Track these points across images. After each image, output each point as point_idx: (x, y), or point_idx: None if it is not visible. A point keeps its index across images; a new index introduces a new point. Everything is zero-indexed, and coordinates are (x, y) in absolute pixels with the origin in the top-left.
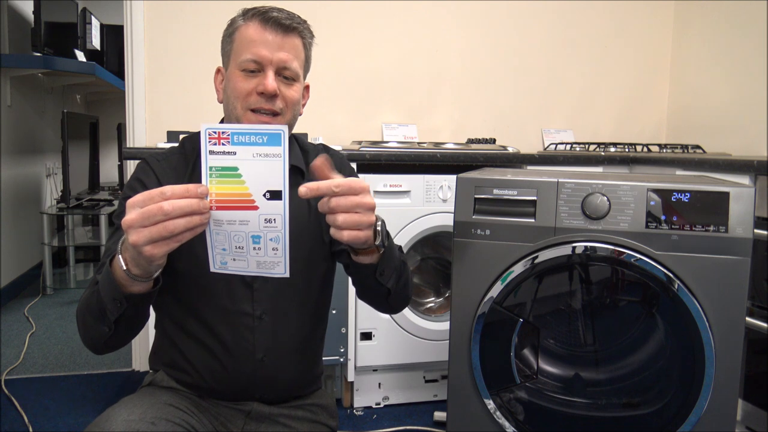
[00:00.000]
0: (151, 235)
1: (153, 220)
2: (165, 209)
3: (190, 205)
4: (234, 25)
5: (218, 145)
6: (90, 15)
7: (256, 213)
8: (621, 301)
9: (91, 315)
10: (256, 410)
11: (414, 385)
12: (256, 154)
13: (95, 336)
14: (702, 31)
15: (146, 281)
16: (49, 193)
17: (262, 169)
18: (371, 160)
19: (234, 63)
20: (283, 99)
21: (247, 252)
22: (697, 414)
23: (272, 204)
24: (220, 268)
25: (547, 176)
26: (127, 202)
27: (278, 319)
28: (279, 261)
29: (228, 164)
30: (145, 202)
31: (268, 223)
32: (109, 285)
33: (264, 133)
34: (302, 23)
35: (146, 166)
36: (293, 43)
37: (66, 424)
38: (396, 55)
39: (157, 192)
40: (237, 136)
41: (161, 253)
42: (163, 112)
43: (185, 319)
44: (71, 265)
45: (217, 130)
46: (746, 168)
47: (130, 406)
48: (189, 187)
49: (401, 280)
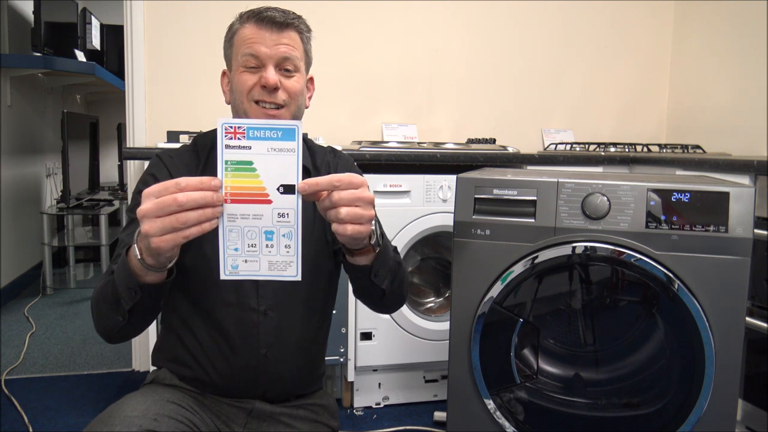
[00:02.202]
0: (163, 226)
1: (167, 211)
2: (179, 200)
3: (204, 197)
4: (232, 30)
5: (234, 139)
6: (90, 15)
7: (270, 207)
8: (621, 301)
9: (105, 304)
10: (258, 409)
11: (414, 385)
12: (270, 149)
13: (109, 325)
14: (702, 31)
15: (160, 271)
16: (49, 193)
17: (276, 164)
18: (371, 160)
19: (236, 63)
20: (285, 91)
21: (259, 251)
22: (697, 414)
23: (286, 198)
24: (231, 273)
25: (547, 176)
26: (143, 192)
27: (283, 316)
28: (291, 261)
29: (243, 158)
30: (160, 193)
31: (281, 217)
32: (124, 274)
33: (279, 128)
34: (297, 18)
35: (159, 162)
36: (290, 36)
37: (66, 424)
38: (396, 55)
39: (172, 183)
40: (252, 130)
41: (168, 246)
42: (163, 112)
43: (191, 313)
44: (71, 265)
45: (234, 124)
46: (746, 168)
47: (132, 403)
48: (204, 179)
49: (396, 281)
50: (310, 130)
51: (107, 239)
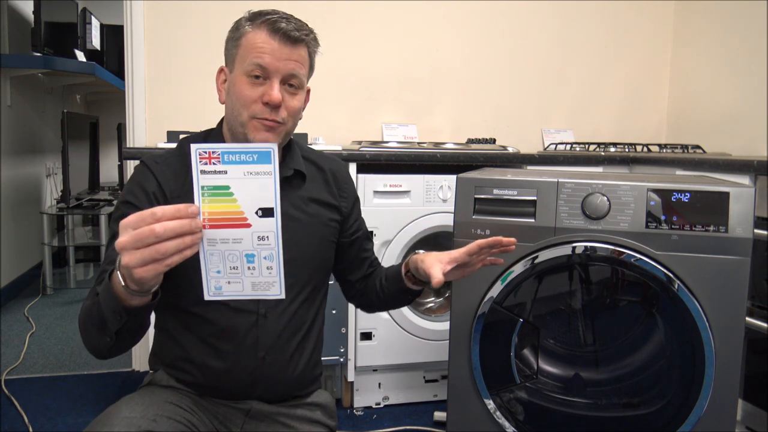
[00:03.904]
0: (143, 257)
1: (145, 242)
2: (156, 231)
3: (181, 226)
4: (241, 30)
5: (209, 164)
6: (90, 15)
7: (249, 231)
8: (621, 301)
9: (92, 325)
10: (256, 409)
11: (414, 385)
12: (246, 173)
13: (98, 345)
14: (702, 31)
15: (145, 296)
16: (49, 193)
17: (253, 187)
18: (371, 160)
19: (240, 68)
20: (286, 109)
21: (242, 273)
22: (697, 414)
23: (264, 221)
24: (215, 294)
25: (547, 176)
26: (120, 224)
27: (281, 318)
28: (274, 281)
29: (219, 183)
30: (137, 224)
31: (261, 240)
32: (108, 298)
33: (254, 152)
34: (310, 33)
35: (145, 169)
36: (300, 53)
37: (66, 424)
38: (396, 55)
39: (148, 213)
40: (228, 155)
41: (150, 276)
42: (163, 112)
43: (187, 317)
44: (71, 265)
45: (208, 150)
46: (746, 168)
47: (131, 404)
48: (180, 207)
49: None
50: (310, 130)
51: (107, 244)
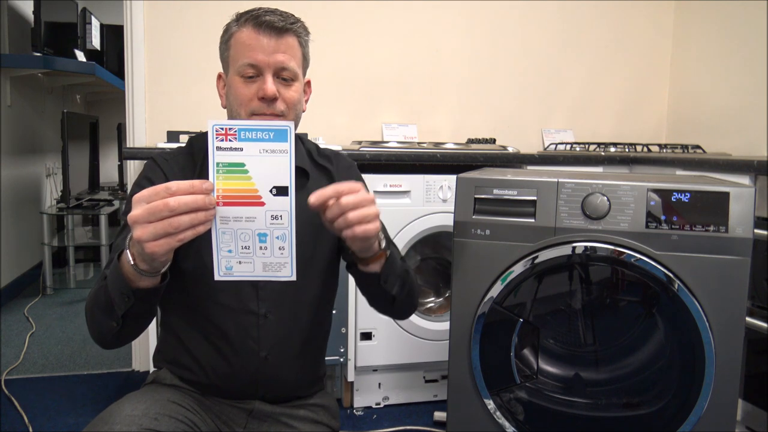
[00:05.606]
0: (155, 231)
1: (158, 216)
2: (170, 205)
3: (195, 201)
4: (229, 32)
5: (225, 141)
6: (90, 15)
7: (263, 209)
8: (621, 301)
9: (99, 309)
10: (259, 409)
11: (414, 385)
12: (262, 150)
13: (103, 330)
14: (702, 31)
15: (154, 276)
16: (49, 193)
17: (268, 165)
18: (371, 160)
19: (233, 69)
20: (283, 101)
21: (253, 252)
22: (697, 414)
23: (279, 200)
24: (225, 274)
25: (547, 176)
26: (134, 198)
27: (283, 318)
28: (285, 262)
29: (235, 160)
30: (151, 198)
31: (275, 219)
32: (117, 279)
33: (271, 129)
34: (296, 22)
35: (154, 165)
36: (289, 43)
37: (66, 424)
38: (396, 55)
39: (162, 188)
40: (244, 132)
41: (162, 251)
42: (163, 112)
43: (191, 316)
44: (71, 265)
45: (225, 126)
46: (746, 168)
47: (133, 402)
48: (194, 183)
49: (405, 288)
50: (310, 130)
51: (107, 239)
